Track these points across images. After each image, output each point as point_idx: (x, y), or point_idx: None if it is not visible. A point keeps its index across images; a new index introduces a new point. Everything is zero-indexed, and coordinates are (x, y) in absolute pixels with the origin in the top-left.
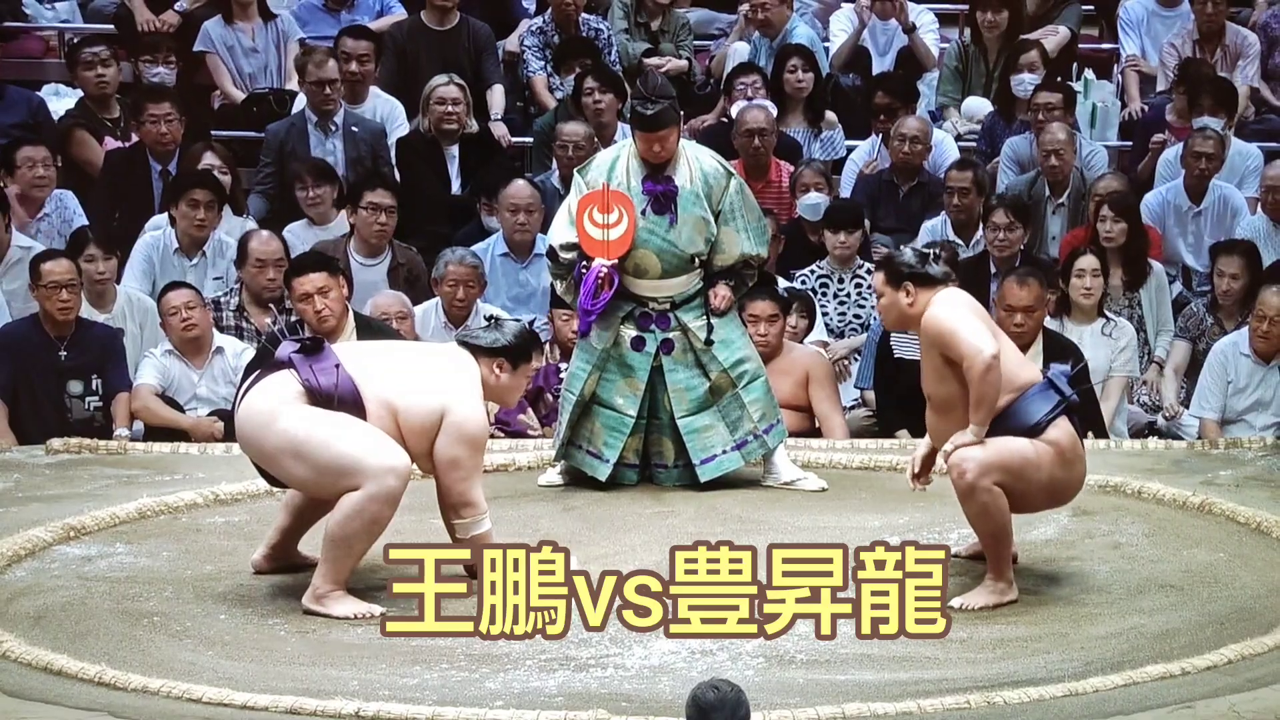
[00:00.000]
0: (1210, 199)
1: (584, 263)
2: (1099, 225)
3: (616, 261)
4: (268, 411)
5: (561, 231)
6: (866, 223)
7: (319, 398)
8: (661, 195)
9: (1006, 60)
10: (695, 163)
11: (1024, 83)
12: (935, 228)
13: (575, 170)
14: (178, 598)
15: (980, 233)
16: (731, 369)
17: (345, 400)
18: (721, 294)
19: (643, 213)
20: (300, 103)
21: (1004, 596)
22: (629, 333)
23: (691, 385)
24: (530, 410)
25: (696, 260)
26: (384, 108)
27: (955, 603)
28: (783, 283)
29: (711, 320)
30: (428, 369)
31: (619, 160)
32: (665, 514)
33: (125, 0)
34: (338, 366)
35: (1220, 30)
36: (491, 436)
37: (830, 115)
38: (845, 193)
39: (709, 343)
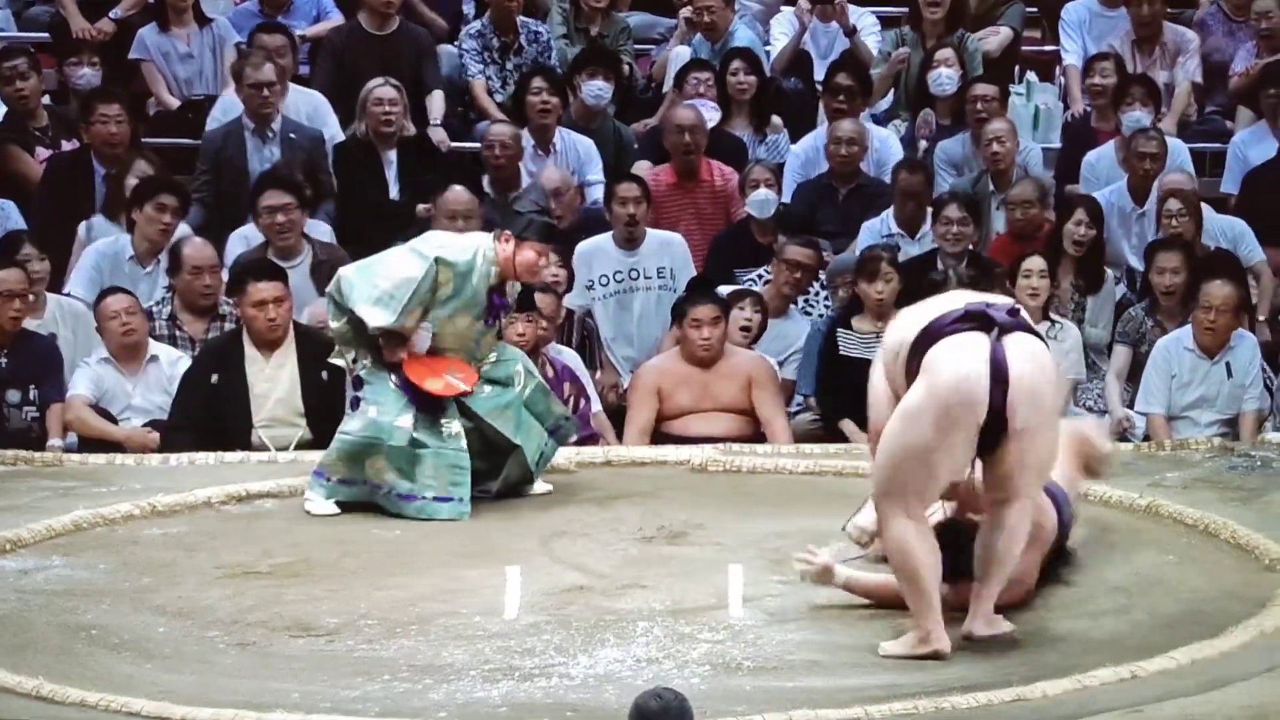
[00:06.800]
0: (1153, 200)
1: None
2: (1073, 226)
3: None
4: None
5: (389, 315)
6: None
7: None
8: (501, 309)
9: (924, 57)
10: None
11: (940, 78)
12: (875, 228)
13: (436, 258)
14: (115, 610)
15: (926, 228)
16: (520, 360)
17: None
18: None
19: (478, 318)
20: (222, 106)
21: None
22: None
23: (500, 401)
24: None
25: None
26: (307, 103)
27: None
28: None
29: None
30: None
31: (476, 266)
32: (612, 520)
33: (59, 9)
34: None
35: (1158, 30)
36: None
37: (775, 119)
38: (786, 195)
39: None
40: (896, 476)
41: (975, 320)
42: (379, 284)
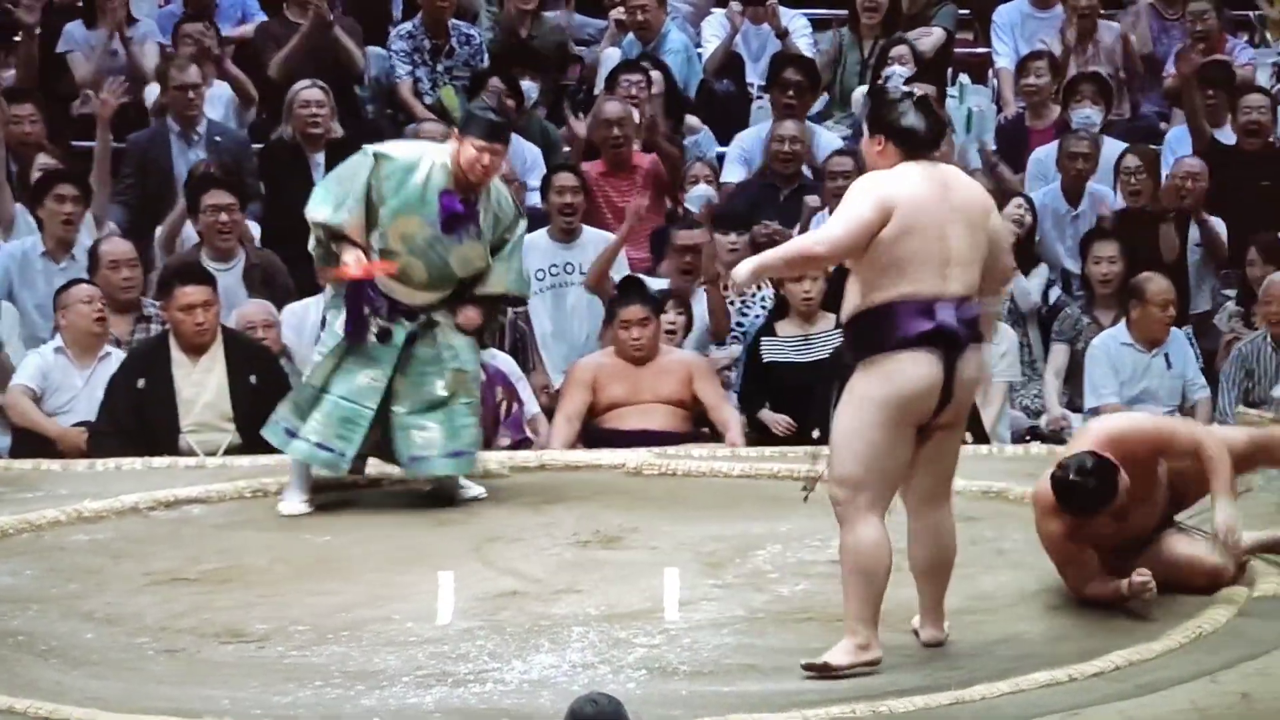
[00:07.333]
0: (1087, 202)
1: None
2: (1013, 209)
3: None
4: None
5: (328, 210)
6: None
7: None
8: (456, 217)
9: (879, 53)
10: (495, 192)
11: (894, 75)
12: (820, 222)
13: (374, 152)
14: (43, 617)
15: None
16: (469, 373)
17: None
18: (470, 314)
19: (429, 222)
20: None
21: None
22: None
23: (426, 381)
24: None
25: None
26: (224, 93)
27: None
28: (655, 283)
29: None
30: None
31: (421, 164)
32: (546, 525)
33: None
34: None
35: (1092, 27)
36: None
37: (691, 120)
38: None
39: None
40: (870, 465)
41: (941, 339)
42: (328, 186)
